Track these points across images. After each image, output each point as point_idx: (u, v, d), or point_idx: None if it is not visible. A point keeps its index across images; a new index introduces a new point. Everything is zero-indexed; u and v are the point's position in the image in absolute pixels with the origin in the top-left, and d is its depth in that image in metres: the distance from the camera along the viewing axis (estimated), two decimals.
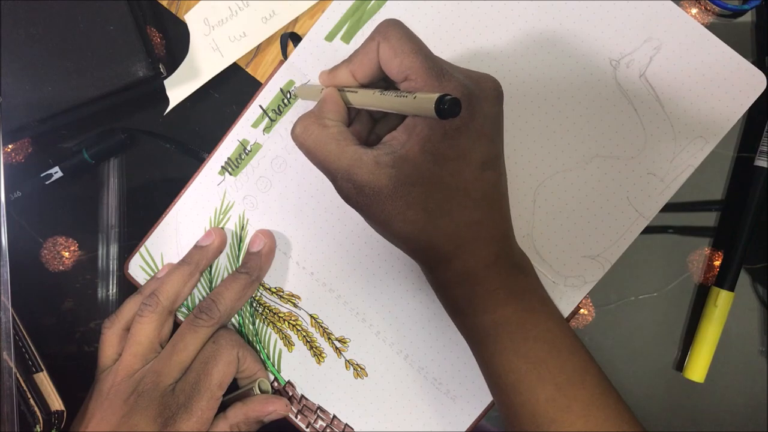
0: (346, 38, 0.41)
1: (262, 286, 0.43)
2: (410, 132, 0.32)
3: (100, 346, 0.41)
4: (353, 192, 0.32)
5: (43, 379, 0.41)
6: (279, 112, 0.42)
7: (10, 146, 0.44)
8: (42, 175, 0.43)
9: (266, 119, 0.42)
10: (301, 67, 0.42)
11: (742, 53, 0.39)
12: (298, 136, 0.34)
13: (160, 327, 0.40)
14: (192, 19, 0.43)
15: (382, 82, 0.35)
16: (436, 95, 0.27)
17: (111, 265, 0.44)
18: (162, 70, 0.42)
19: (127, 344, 0.40)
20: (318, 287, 0.42)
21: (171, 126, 0.44)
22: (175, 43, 0.44)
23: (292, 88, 0.41)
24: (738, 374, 0.42)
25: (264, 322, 0.43)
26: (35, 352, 0.41)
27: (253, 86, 0.43)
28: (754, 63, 0.39)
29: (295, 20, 0.43)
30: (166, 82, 0.42)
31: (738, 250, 0.41)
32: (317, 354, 0.42)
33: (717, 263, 0.42)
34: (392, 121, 0.35)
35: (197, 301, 0.43)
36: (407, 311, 0.41)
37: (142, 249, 0.43)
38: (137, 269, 0.43)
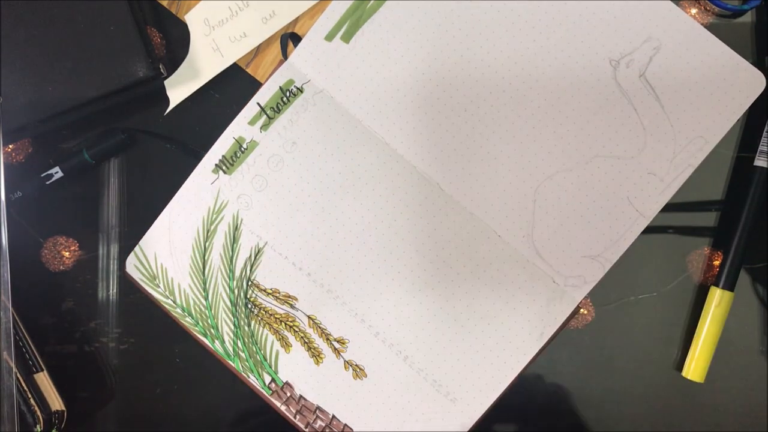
0: (346, 38, 0.41)
1: (257, 287, 0.43)
2: None
3: None
4: None
5: (43, 379, 0.41)
6: (277, 110, 0.42)
7: (10, 146, 0.44)
8: (42, 175, 0.43)
9: (264, 117, 0.42)
10: (301, 67, 0.42)
11: (741, 53, 0.39)
12: None
13: None
14: (192, 19, 0.43)
15: None
16: None
17: (111, 265, 0.44)
18: (162, 70, 0.42)
19: None
20: (315, 288, 0.42)
21: (171, 126, 0.44)
22: (175, 43, 0.44)
23: None
24: (738, 374, 0.42)
25: (260, 324, 0.42)
26: (35, 352, 0.41)
27: (253, 86, 0.43)
28: (754, 63, 0.39)
29: (295, 20, 0.43)
30: (166, 82, 0.42)
31: (738, 250, 0.41)
32: (315, 355, 0.42)
33: (717, 263, 0.42)
34: None
35: (192, 302, 0.42)
36: (407, 312, 0.41)
37: (137, 248, 0.43)
38: (133, 268, 0.43)
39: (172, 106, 0.43)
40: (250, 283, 0.42)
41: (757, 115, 0.41)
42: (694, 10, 0.42)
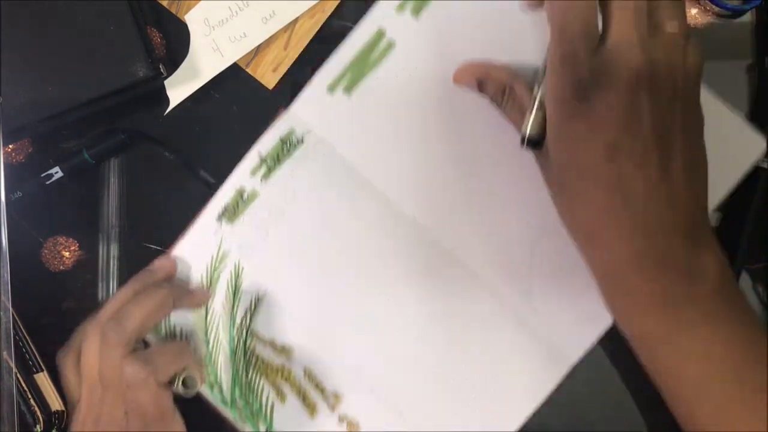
0: (348, 89, 0.41)
1: (256, 336, 0.42)
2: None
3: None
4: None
5: (43, 379, 0.41)
6: (278, 160, 0.42)
7: (10, 146, 0.44)
8: (42, 175, 0.43)
9: (264, 167, 0.42)
10: (302, 117, 0.42)
11: (741, 54, 0.39)
12: None
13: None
14: (192, 19, 0.43)
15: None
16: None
17: (111, 265, 0.44)
18: (162, 70, 0.42)
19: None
20: (312, 340, 0.42)
21: (171, 126, 0.44)
22: (175, 43, 0.44)
23: None
24: None
25: (257, 373, 0.42)
26: (35, 352, 0.41)
27: (253, 86, 0.43)
28: (753, 63, 0.39)
29: (295, 20, 0.43)
30: (166, 82, 0.42)
31: (742, 251, 0.40)
32: (310, 407, 0.41)
33: None
34: None
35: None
36: (403, 367, 0.41)
37: None
38: None
39: (172, 106, 0.43)
40: (249, 331, 0.42)
41: (761, 116, 0.41)
42: (694, 10, 0.42)
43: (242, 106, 0.43)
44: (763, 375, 0.30)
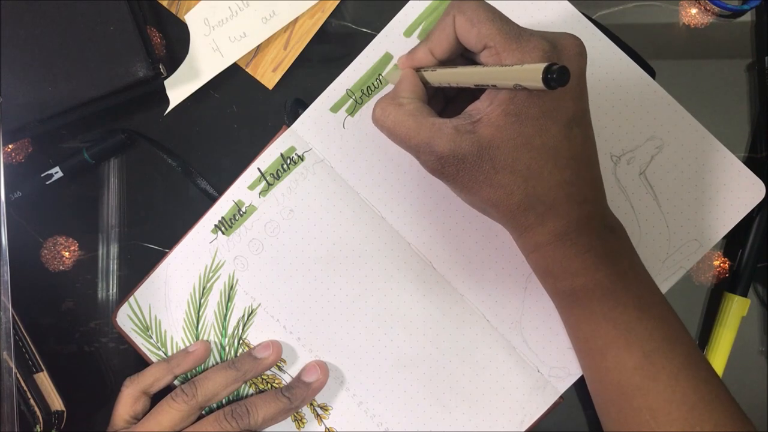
0: (351, 111, 0.42)
1: (248, 346, 0.42)
2: (492, 98, 0.31)
3: (116, 402, 0.40)
4: (437, 164, 0.32)
5: (43, 379, 0.41)
6: (277, 176, 0.42)
7: (10, 146, 0.44)
8: (42, 175, 0.43)
9: (263, 183, 0.42)
10: (304, 135, 0.42)
11: (741, 54, 0.39)
12: (377, 119, 0.34)
13: (186, 419, 0.39)
14: (192, 19, 0.43)
15: (460, 58, 0.35)
16: (543, 65, 0.26)
17: (111, 265, 0.44)
18: (162, 70, 0.42)
19: (147, 421, 0.39)
20: (304, 353, 0.42)
21: (171, 126, 0.44)
22: (175, 43, 0.44)
23: (383, 74, 0.41)
24: (738, 374, 0.42)
25: (247, 383, 0.42)
26: (35, 352, 0.41)
27: (253, 86, 0.43)
28: (753, 63, 0.39)
29: (295, 20, 0.43)
30: (166, 82, 0.42)
31: (751, 254, 0.41)
32: (297, 419, 0.42)
33: (717, 263, 0.42)
34: (465, 102, 0.34)
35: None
36: (391, 386, 0.41)
37: (131, 299, 0.42)
38: (125, 318, 0.43)
39: (172, 106, 0.43)
40: (241, 341, 0.42)
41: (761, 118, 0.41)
42: (694, 10, 0.42)
43: (242, 106, 0.43)
44: (673, 316, 0.35)
